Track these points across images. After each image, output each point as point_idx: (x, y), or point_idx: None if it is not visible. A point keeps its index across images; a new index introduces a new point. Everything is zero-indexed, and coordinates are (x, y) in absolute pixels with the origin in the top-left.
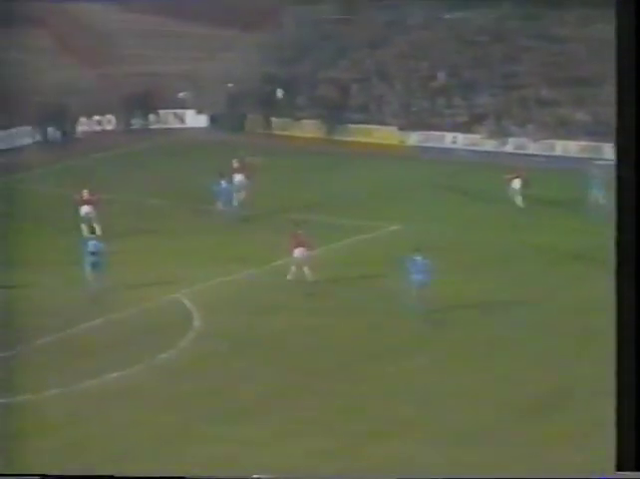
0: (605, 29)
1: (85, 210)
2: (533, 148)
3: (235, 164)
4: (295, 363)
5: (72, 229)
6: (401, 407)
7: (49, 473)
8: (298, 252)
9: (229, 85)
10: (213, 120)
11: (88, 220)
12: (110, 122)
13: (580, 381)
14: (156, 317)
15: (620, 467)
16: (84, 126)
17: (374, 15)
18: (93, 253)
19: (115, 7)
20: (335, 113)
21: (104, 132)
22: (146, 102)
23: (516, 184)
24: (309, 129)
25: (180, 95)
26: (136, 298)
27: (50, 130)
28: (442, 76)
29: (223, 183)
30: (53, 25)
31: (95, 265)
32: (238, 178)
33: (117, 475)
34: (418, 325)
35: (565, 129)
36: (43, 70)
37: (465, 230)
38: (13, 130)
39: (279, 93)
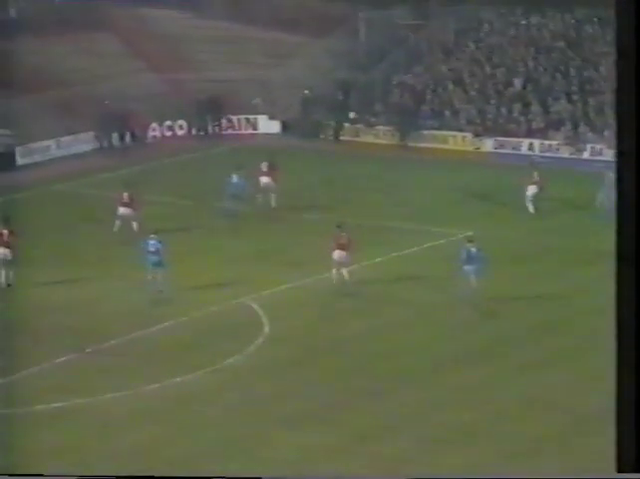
0: None
1: (121, 211)
2: (611, 154)
3: (264, 167)
4: (363, 369)
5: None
6: (465, 414)
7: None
8: (337, 255)
9: (305, 92)
10: (285, 126)
11: (122, 219)
12: (181, 127)
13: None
14: (222, 321)
15: (620, 469)
16: (155, 131)
17: (448, 20)
18: (153, 253)
19: (186, 13)
20: (409, 119)
21: (175, 137)
22: (218, 107)
23: (532, 190)
24: (383, 135)
25: (253, 101)
26: (201, 301)
27: (120, 135)
28: (518, 82)
29: (235, 177)
30: (124, 30)
31: (156, 265)
32: (265, 180)
33: (124, 475)
34: (484, 334)
35: None
36: (113, 75)
37: (539, 236)
38: (82, 135)
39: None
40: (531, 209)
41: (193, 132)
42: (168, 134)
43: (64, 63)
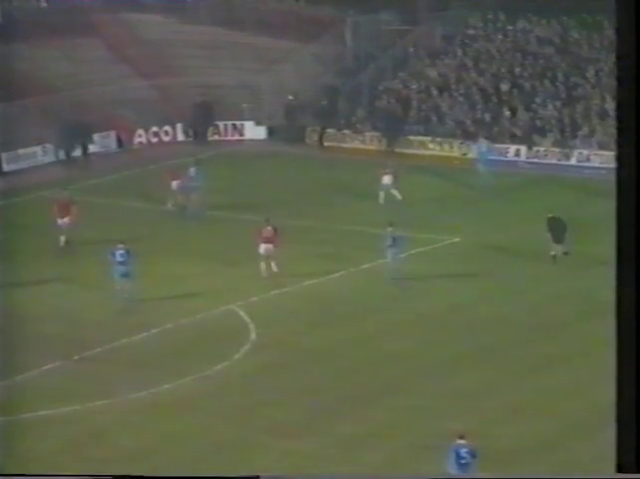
0: None
1: (61, 221)
2: (598, 160)
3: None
4: (351, 376)
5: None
6: (450, 421)
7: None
8: (264, 248)
9: (289, 97)
10: (272, 132)
11: (64, 231)
12: (167, 133)
13: None
14: (209, 328)
15: (620, 468)
16: (141, 137)
17: (435, 26)
18: (121, 263)
19: (173, 18)
20: (395, 125)
21: (161, 143)
22: (204, 113)
23: (387, 179)
24: (369, 141)
25: (241, 106)
26: (188, 308)
27: (104, 141)
28: (505, 87)
29: (192, 170)
30: (110, 36)
31: (123, 275)
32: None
33: (123, 475)
34: (473, 341)
35: None
36: (99, 81)
37: (527, 242)
38: (67, 142)
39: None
40: (381, 198)
41: (180, 138)
42: (154, 140)
43: (50, 68)
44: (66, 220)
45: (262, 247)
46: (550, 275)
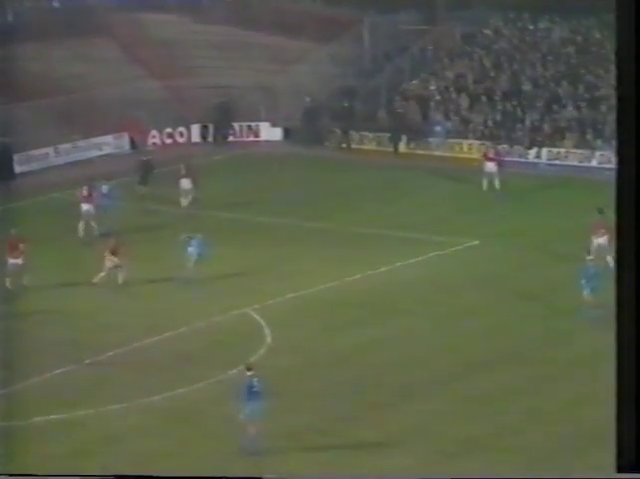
0: None
1: (12, 261)
2: None
3: (84, 192)
4: (367, 381)
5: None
6: (467, 426)
7: None
8: (108, 259)
9: (307, 99)
10: (288, 133)
11: (14, 272)
12: (182, 134)
13: None
14: (224, 332)
15: (620, 469)
16: (155, 138)
17: (454, 26)
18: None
19: (187, 18)
20: (413, 126)
21: (175, 144)
22: (219, 114)
23: (186, 184)
24: (387, 143)
25: (257, 108)
26: (202, 312)
27: (117, 142)
28: (525, 88)
29: (104, 187)
30: (123, 36)
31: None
32: (85, 207)
33: (124, 475)
34: (490, 345)
35: None
36: (112, 81)
37: (547, 245)
38: (80, 143)
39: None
40: (184, 202)
41: (194, 139)
42: (169, 141)
43: (62, 69)
44: (18, 260)
45: (106, 258)
46: (568, 280)
